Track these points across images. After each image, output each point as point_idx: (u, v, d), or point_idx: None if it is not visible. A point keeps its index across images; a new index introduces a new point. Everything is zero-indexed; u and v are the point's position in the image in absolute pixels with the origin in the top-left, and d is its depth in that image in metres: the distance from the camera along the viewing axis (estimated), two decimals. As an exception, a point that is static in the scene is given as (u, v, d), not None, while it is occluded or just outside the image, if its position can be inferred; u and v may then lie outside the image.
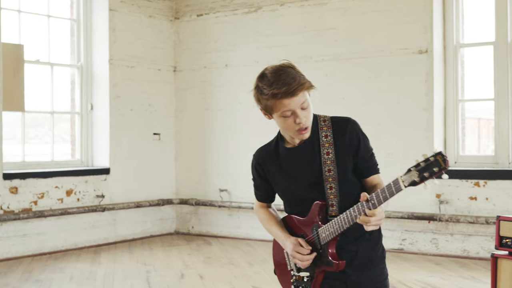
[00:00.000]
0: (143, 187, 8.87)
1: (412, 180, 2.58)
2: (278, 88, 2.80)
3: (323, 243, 2.92)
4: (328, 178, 2.92)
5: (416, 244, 7.57)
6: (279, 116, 2.87)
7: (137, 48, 8.83)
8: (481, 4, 7.62)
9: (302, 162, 2.98)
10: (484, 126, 8.10)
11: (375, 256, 3.02)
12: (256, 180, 3.19)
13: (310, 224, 2.97)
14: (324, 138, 2.95)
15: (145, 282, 6.31)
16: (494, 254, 3.98)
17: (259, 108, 2.96)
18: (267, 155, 3.09)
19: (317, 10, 8.17)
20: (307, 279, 2.99)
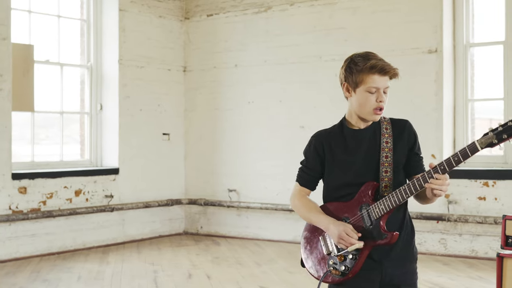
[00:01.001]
0: (152, 187, 8.88)
1: (489, 142, 2.85)
2: (375, 62, 3.05)
3: (376, 218, 3.02)
4: (384, 163, 3.10)
5: (425, 244, 7.53)
6: (364, 91, 3.07)
7: (147, 48, 8.84)
8: (491, 3, 7.57)
9: (364, 143, 3.15)
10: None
11: (410, 253, 3.15)
12: (310, 161, 3.26)
13: (357, 205, 3.09)
14: (384, 129, 3.16)
15: (152, 282, 6.31)
16: (500, 253, 3.93)
17: (344, 81, 3.13)
18: (332, 136, 3.22)
19: (327, 9, 8.15)
20: (352, 256, 3.04)
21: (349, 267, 3.05)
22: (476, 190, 7.26)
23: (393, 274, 3.07)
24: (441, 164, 2.90)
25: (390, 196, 2.99)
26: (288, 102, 8.42)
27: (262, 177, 8.52)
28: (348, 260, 3.06)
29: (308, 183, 3.29)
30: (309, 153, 3.26)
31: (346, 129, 3.19)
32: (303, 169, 3.30)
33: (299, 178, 3.31)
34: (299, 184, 3.31)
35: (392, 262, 3.06)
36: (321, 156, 3.21)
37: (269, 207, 8.43)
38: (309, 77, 8.23)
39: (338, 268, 3.07)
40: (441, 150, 7.38)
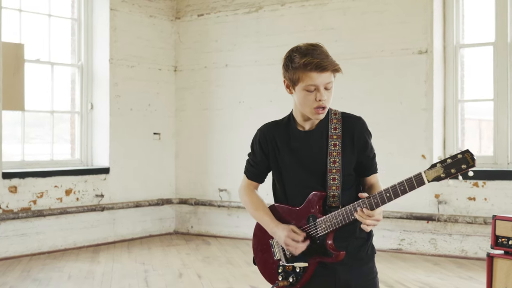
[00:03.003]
0: (142, 187, 8.88)
1: (437, 175, 2.67)
2: (311, 59, 2.84)
3: (322, 234, 2.92)
4: (332, 169, 2.95)
5: (415, 244, 7.56)
6: (302, 89, 2.89)
7: (137, 47, 8.84)
8: (481, 4, 7.62)
9: (309, 148, 3.00)
10: (486, 128, 8.08)
11: (364, 254, 3.04)
12: (256, 155, 3.14)
13: (305, 214, 2.97)
14: (333, 130, 2.99)
15: (143, 281, 6.31)
16: (490, 253, 3.97)
17: (284, 80, 2.98)
18: (278, 131, 3.08)
19: (318, 10, 8.17)
20: (299, 269, 2.97)
21: (297, 278, 2.98)
22: (466, 190, 7.30)
23: (348, 278, 2.98)
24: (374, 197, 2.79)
25: (336, 215, 2.87)
26: (279, 102, 8.42)
27: (253, 177, 8.50)
28: (296, 271, 2.99)
29: (256, 176, 3.19)
30: (254, 147, 3.15)
31: (293, 128, 3.06)
32: (250, 162, 3.19)
33: (247, 171, 3.20)
34: (247, 177, 3.21)
35: (345, 267, 2.96)
36: (265, 152, 3.10)
37: (260, 207, 8.42)
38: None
39: (286, 278, 3.00)
40: (431, 151, 7.42)
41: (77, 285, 6.22)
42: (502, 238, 3.90)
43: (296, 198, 3.02)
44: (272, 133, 3.08)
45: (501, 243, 3.90)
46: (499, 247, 3.93)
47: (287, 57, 2.94)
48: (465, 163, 2.65)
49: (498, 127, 7.34)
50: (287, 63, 2.93)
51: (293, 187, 3.04)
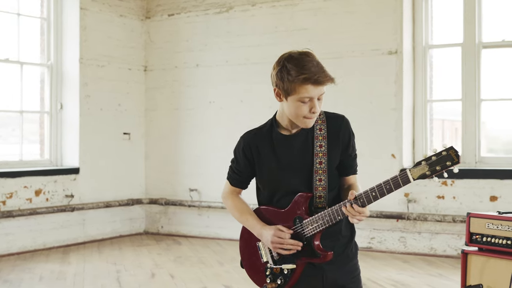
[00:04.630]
0: (112, 187, 8.84)
1: (422, 173, 2.70)
2: (309, 73, 2.82)
3: (309, 235, 2.94)
4: (318, 170, 2.96)
5: (385, 243, 7.65)
6: (296, 100, 2.88)
7: (107, 47, 8.79)
8: (450, 5, 7.73)
9: (295, 151, 3.01)
10: (449, 127, 8.20)
11: (349, 252, 3.08)
12: (239, 163, 3.14)
13: (292, 215, 2.99)
14: (318, 131, 2.99)
15: (115, 282, 6.29)
16: (464, 250, 4.04)
17: (275, 86, 2.96)
18: (261, 138, 3.07)
19: (288, 10, 8.21)
20: (287, 271, 2.99)
21: (286, 280, 3.00)
22: (435, 189, 7.40)
23: (335, 276, 3.02)
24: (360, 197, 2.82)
25: (324, 215, 2.90)
26: (249, 102, 8.46)
27: (223, 176, 8.44)
28: (284, 273, 3.01)
29: (239, 183, 3.20)
30: (238, 154, 3.14)
31: (276, 132, 3.05)
32: (233, 169, 3.19)
33: (230, 178, 3.22)
34: (230, 183, 3.23)
35: (332, 265, 2.99)
36: (249, 159, 3.09)
37: (231, 207, 8.44)
38: (270, 77, 8.25)
39: (275, 280, 3.02)
40: (400, 150, 7.51)
41: (50, 286, 6.17)
42: (476, 235, 3.97)
43: (282, 201, 3.04)
44: (255, 140, 3.08)
45: (475, 240, 3.98)
46: (473, 244, 4.00)
47: (282, 67, 2.90)
48: (449, 160, 2.68)
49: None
50: (283, 74, 2.89)
51: (279, 191, 3.05)
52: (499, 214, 3.94)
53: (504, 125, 7.65)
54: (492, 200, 7.07)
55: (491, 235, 3.88)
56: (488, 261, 3.88)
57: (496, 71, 7.55)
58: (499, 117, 7.74)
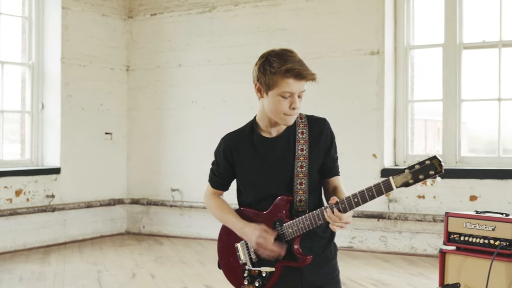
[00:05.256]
0: (94, 187, 8.80)
1: (405, 181, 2.74)
2: (292, 66, 2.82)
3: (289, 239, 2.94)
4: (299, 174, 2.96)
5: (366, 242, 7.67)
6: (277, 95, 2.87)
7: (90, 47, 8.76)
8: (431, 6, 7.76)
9: (276, 154, 3.00)
10: (431, 127, 8.24)
11: (329, 253, 3.08)
12: (220, 165, 3.13)
13: (272, 218, 2.98)
14: (300, 134, 2.99)
15: (96, 282, 6.26)
16: (443, 249, 4.06)
17: (256, 81, 2.95)
18: (241, 140, 3.06)
19: (271, 10, 8.22)
20: (265, 274, 2.99)
21: (263, 283, 3.00)
22: (415, 188, 7.43)
23: (314, 277, 3.02)
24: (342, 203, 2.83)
25: (304, 219, 2.90)
26: (232, 102, 8.46)
27: (206, 176, 8.46)
28: (262, 276, 3.01)
29: (220, 185, 3.20)
30: (219, 157, 3.14)
31: (257, 134, 3.04)
32: (214, 172, 3.19)
33: (211, 180, 3.22)
34: (211, 186, 3.22)
35: (311, 266, 2.98)
36: (230, 162, 3.09)
37: (213, 207, 8.44)
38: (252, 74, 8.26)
39: (252, 282, 3.02)
40: (381, 150, 7.54)
41: (29, 287, 6.14)
42: (454, 234, 4.00)
43: (262, 204, 3.03)
44: (236, 143, 3.07)
45: (453, 239, 4.00)
46: (451, 243, 4.02)
47: (265, 60, 2.91)
48: (433, 169, 2.72)
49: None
50: (265, 66, 2.89)
51: (260, 193, 3.04)
52: (476, 213, 3.97)
53: (485, 125, 7.69)
54: (472, 200, 7.12)
55: (469, 234, 3.91)
56: (466, 260, 3.90)
57: (477, 72, 7.60)
58: (480, 117, 7.79)
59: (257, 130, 3.05)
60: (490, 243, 3.79)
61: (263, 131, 3.04)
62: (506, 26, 7.31)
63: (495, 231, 3.79)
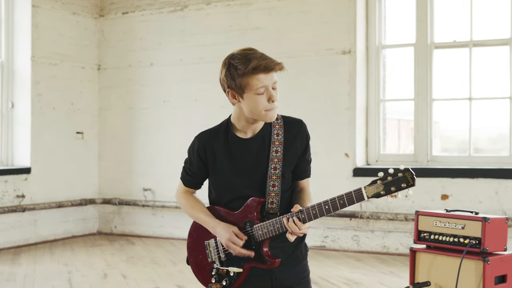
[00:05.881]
0: (65, 187, 8.72)
1: (376, 192, 2.74)
2: (257, 62, 2.82)
3: (258, 240, 2.94)
4: (272, 176, 2.96)
5: (338, 241, 7.69)
6: (253, 94, 2.87)
7: (60, 45, 8.67)
8: (403, 6, 7.80)
9: (250, 155, 2.99)
10: (404, 127, 8.28)
11: (299, 253, 3.08)
12: (193, 164, 3.11)
13: (243, 219, 2.98)
14: (275, 136, 2.98)
15: (66, 283, 6.20)
16: (413, 248, 4.07)
17: (227, 89, 2.93)
18: (216, 139, 3.04)
19: (243, 9, 8.21)
20: (233, 273, 2.99)
21: (231, 282, 3.01)
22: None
23: (284, 277, 3.03)
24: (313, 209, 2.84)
25: (274, 223, 2.90)
26: (204, 101, 8.43)
27: (177, 176, 8.42)
28: (230, 275, 3.01)
29: (193, 184, 3.18)
30: (192, 155, 3.11)
31: (232, 135, 3.02)
32: (187, 170, 3.16)
33: (183, 178, 3.20)
34: (183, 184, 3.21)
35: (281, 266, 2.98)
36: (203, 160, 3.06)
37: (185, 206, 8.41)
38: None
39: (220, 281, 3.02)
40: (353, 149, 7.56)
41: (-2, 287, 6.08)
42: (424, 232, 4.01)
43: (234, 204, 3.03)
44: (210, 141, 3.05)
45: (423, 238, 4.02)
46: (421, 242, 4.04)
47: (228, 66, 2.91)
48: (405, 182, 2.71)
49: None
50: (231, 72, 2.90)
51: (232, 194, 3.04)
52: (446, 212, 3.99)
53: (457, 125, 7.74)
54: (444, 199, 7.16)
55: (439, 232, 3.92)
56: (436, 258, 3.92)
57: (448, 71, 7.65)
58: (452, 117, 7.83)
59: (232, 130, 3.03)
60: (460, 241, 3.81)
61: (238, 131, 3.03)
62: (476, 26, 7.37)
63: (464, 229, 3.81)
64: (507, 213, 6.93)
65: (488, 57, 7.45)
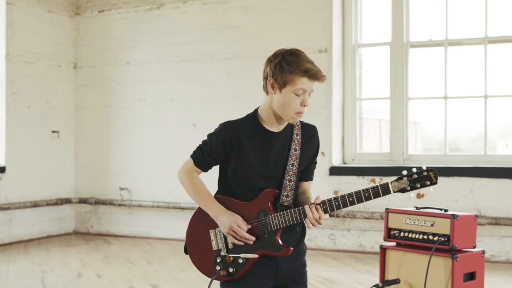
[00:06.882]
0: (40, 186, 8.64)
1: (402, 187, 3.00)
2: (311, 66, 3.00)
3: (273, 229, 3.04)
4: (289, 171, 3.11)
5: (314, 240, 7.68)
6: (291, 92, 3.00)
7: (35, 43, 8.60)
8: (379, 5, 7.81)
9: (275, 148, 3.11)
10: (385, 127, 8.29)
11: (301, 248, 3.21)
12: (213, 148, 3.13)
13: (256, 208, 3.08)
14: (295, 135, 3.15)
15: (39, 283, 6.15)
16: (383, 245, 4.07)
17: (270, 77, 3.04)
18: (245, 129, 3.12)
19: (220, 8, 8.18)
20: (242, 260, 3.07)
21: (237, 269, 3.08)
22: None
23: (287, 269, 3.13)
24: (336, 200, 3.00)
25: (291, 213, 3.02)
26: (180, 100, 8.40)
27: (154, 175, 8.46)
28: (237, 263, 3.08)
29: (204, 166, 3.20)
30: (215, 140, 3.13)
31: (259, 126, 3.12)
32: (203, 151, 3.17)
33: (196, 157, 3.19)
34: (194, 163, 3.20)
35: (287, 258, 3.09)
36: (226, 148, 3.10)
37: (161, 205, 8.39)
38: (201, 75, 8.24)
39: (225, 268, 3.09)
40: (330, 148, 7.55)
41: (-30, 287, 6.01)
42: (394, 230, 4.02)
43: (248, 194, 3.12)
44: (239, 131, 3.11)
45: (393, 235, 4.02)
46: (391, 239, 4.04)
47: (282, 58, 3.02)
48: (429, 180, 2.95)
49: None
50: (284, 65, 3.00)
51: (249, 184, 3.12)
52: (416, 209, 3.99)
53: (438, 125, 7.73)
54: (419, 197, 7.16)
55: (408, 230, 3.93)
56: (406, 255, 3.92)
57: (424, 70, 7.67)
58: (433, 117, 7.82)
59: (260, 121, 3.13)
60: (429, 238, 3.81)
61: (265, 122, 3.13)
62: (452, 25, 7.39)
63: (433, 226, 3.81)
64: (482, 211, 6.96)
65: (463, 56, 7.48)
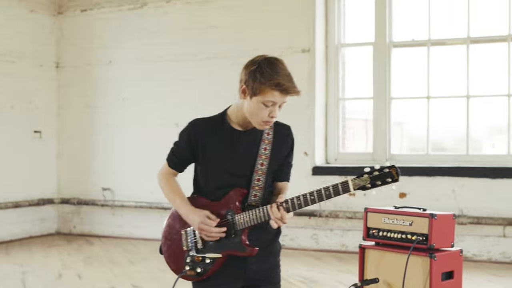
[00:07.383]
0: (22, 186, 8.58)
1: (362, 185, 2.95)
2: (283, 82, 2.96)
3: (239, 229, 3.05)
4: (258, 171, 3.09)
5: (297, 240, 7.67)
6: (260, 102, 2.97)
7: (18, 43, 8.54)
8: (362, 5, 7.82)
9: (242, 147, 3.11)
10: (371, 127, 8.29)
11: (274, 248, 3.22)
12: (182, 148, 3.18)
13: (224, 208, 3.09)
14: (266, 135, 3.13)
15: (20, 283, 6.10)
16: (362, 245, 4.06)
17: (243, 83, 3.03)
18: (211, 127, 3.13)
19: (202, 8, 8.16)
20: (209, 260, 3.07)
21: (205, 269, 3.09)
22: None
23: (258, 269, 3.13)
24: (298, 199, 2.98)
25: (256, 212, 3.02)
26: (163, 99, 8.37)
27: (137, 175, 8.42)
28: (205, 263, 3.09)
29: (177, 166, 3.25)
30: (183, 139, 3.18)
31: (227, 125, 3.13)
32: (174, 152, 3.24)
33: (169, 160, 3.26)
34: (168, 164, 3.27)
35: (256, 258, 3.09)
36: (193, 146, 3.14)
37: (144, 206, 8.36)
38: (183, 75, 8.22)
39: (194, 269, 3.09)
40: (313, 148, 7.55)
41: (-52, 288, 5.96)
42: (373, 229, 4.00)
43: (217, 193, 3.13)
44: (205, 128, 3.14)
45: (372, 235, 4.00)
46: (370, 239, 4.02)
47: (258, 67, 2.99)
48: (390, 177, 2.93)
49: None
50: (257, 74, 2.97)
51: (217, 182, 3.13)
52: (395, 208, 3.98)
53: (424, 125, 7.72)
54: (401, 197, 7.18)
55: (387, 229, 3.91)
56: (384, 255, 3.90)
57: (406, 70, 7.68)
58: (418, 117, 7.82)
59: (228, 121, 3.13)
60: (408, 238, 3.80)
61: (233, 122, 3.13)
62: (434, 25, 7.41)
63: (412, 226, 3.80)
64: (464, 211, 6.97)
65: (446, 56, 7.49)
